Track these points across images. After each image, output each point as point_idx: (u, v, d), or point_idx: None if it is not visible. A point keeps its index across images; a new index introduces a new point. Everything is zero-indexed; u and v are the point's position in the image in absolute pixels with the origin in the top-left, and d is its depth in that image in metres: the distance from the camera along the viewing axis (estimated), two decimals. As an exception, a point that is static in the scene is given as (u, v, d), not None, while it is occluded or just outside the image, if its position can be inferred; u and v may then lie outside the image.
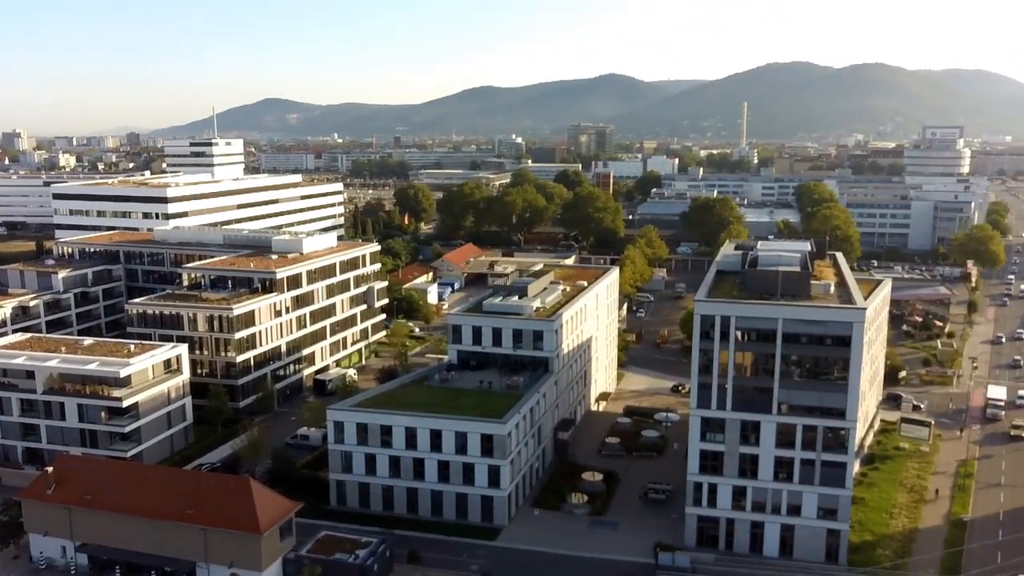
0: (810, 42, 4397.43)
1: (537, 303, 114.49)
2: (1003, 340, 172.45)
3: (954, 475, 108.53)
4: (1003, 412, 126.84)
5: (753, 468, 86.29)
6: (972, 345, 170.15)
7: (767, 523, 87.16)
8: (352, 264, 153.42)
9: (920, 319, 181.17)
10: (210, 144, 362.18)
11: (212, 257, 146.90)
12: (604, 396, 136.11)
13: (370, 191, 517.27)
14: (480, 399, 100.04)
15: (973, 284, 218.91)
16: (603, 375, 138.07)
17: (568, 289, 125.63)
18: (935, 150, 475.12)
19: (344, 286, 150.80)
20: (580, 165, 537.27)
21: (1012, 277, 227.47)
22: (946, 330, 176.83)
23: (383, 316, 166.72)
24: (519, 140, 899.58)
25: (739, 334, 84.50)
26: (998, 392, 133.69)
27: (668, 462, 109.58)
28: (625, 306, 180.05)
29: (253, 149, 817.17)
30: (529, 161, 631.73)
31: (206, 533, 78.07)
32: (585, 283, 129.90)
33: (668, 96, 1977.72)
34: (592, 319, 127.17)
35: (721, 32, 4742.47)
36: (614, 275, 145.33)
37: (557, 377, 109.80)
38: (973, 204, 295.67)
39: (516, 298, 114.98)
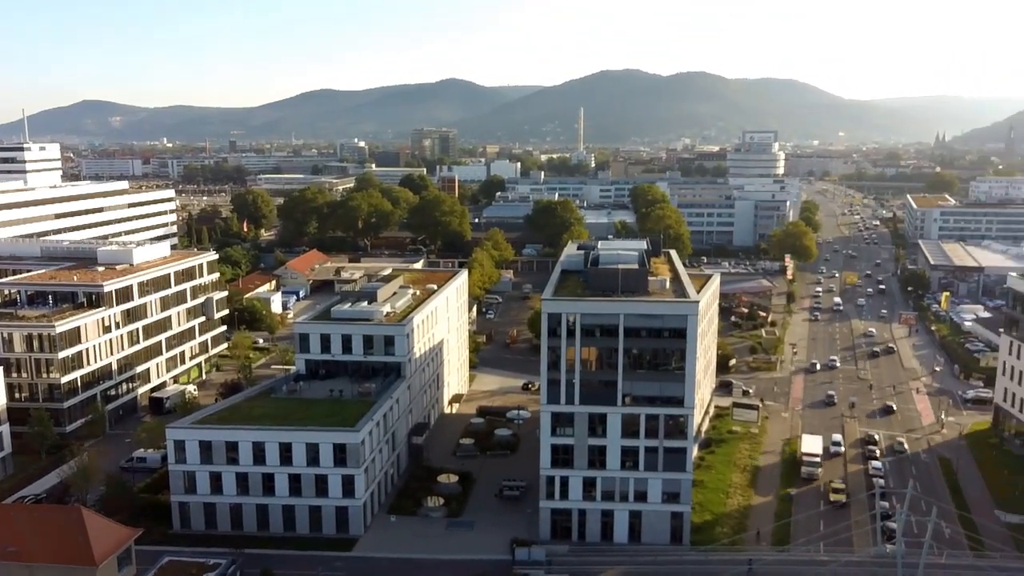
0: (640, 52, 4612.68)
1: (387, 308, 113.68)
2: (817, 367, 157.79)
3: (781, 453, 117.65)
4: (819, 469, 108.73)
5: (602, 459, 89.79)
6: (792, 333, 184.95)
7: (616, 511, 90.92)
8: (188, 274, 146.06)
9: (746, 310, 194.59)
10: (21, 149, 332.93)
11: (29, 271, 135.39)
12: (457, 398, 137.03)
13: (205, 197, 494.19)
14: (331, 408, 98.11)
15: (790, 277, 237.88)
16: (456, 377, 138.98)
17: (418, 293, 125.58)
18: (754, 153, 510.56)
19: (180, 298, 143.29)
20: (425, 169, 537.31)
21: (820, 290, 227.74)
22: (769, 319, 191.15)
23: (224, 328, 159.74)
24: (362, 144, 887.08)
25: (584, 331, 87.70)
26: (813, 445, 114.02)
27: (522, 459, 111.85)
28: (475, 308, 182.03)
29: (71, 154, 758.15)
30: (373, 165, 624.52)
31: (33, 571, 71.89)
32: (435, 287, 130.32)
33: (509, 101, 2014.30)
34: (443, 322, 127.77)
35: (558, 40, 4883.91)
36: (463, 278, 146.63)
37: (410, 382, 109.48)
38: (788, 203, 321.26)
39: (365, 304, 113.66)
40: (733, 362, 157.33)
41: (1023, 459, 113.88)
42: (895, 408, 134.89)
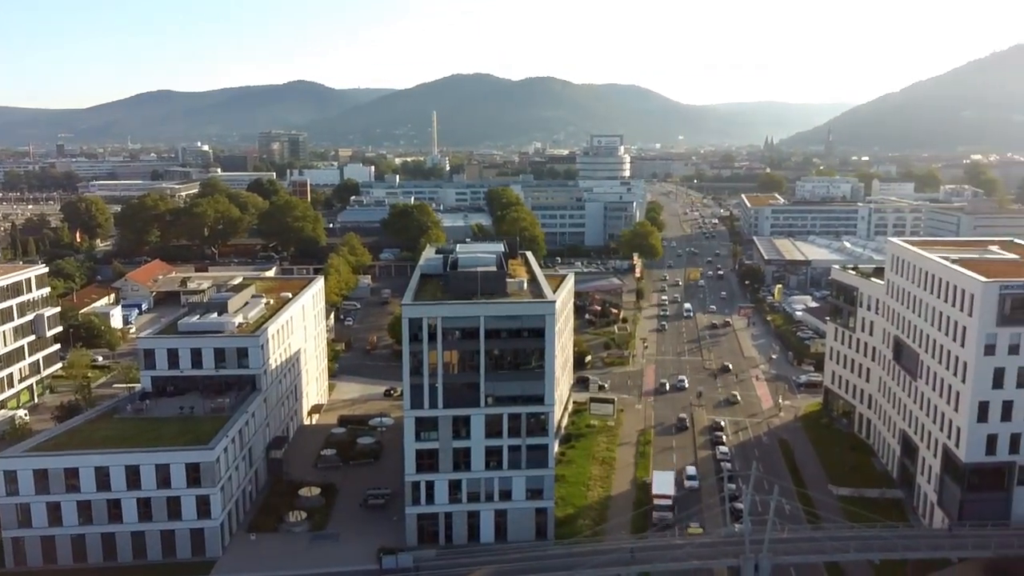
0: (490, 56, 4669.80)
1: (239, 319, 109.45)
2: (667, 387, 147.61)
3: (636, 444, 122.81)
4: (672, 514, 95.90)
5: (466, 461, 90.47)
6: (642, 328, 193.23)
7: (482, 511, 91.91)
8: (14, 290, 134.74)
9: (599, 308, 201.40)
10: None
11: None
12: (317, 408, 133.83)
13: (30, 206, 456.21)
14: (182, 426, 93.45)
15: (639, 275, 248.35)
16: (315, 387, 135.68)
17: (272, 302, 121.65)
18: (601, 156, 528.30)
19: (5, 315, 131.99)
20: (275, 173, 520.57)
21: (665, 298, 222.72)
22: (621, 316, 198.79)
23: (57, 346, 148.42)
24: (206, 148, 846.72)
25: (446, 334, 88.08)
26: (664, 484, 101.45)
27: (386, 466, 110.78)
28: (332, 315, 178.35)
29: None
30: (219, 170, 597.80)
31: None
32: (290, 295, 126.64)
33: (360, 104, 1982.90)
34: (299, 331, 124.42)
35: (409, 41, 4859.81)
36: (319, 285, 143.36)
37: (266, 394, 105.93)
38: (635, 204, 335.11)
39: (215, 315, 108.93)
40: (589, 358, 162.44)
41: (850, 436, 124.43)
42: (738, 397, 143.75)
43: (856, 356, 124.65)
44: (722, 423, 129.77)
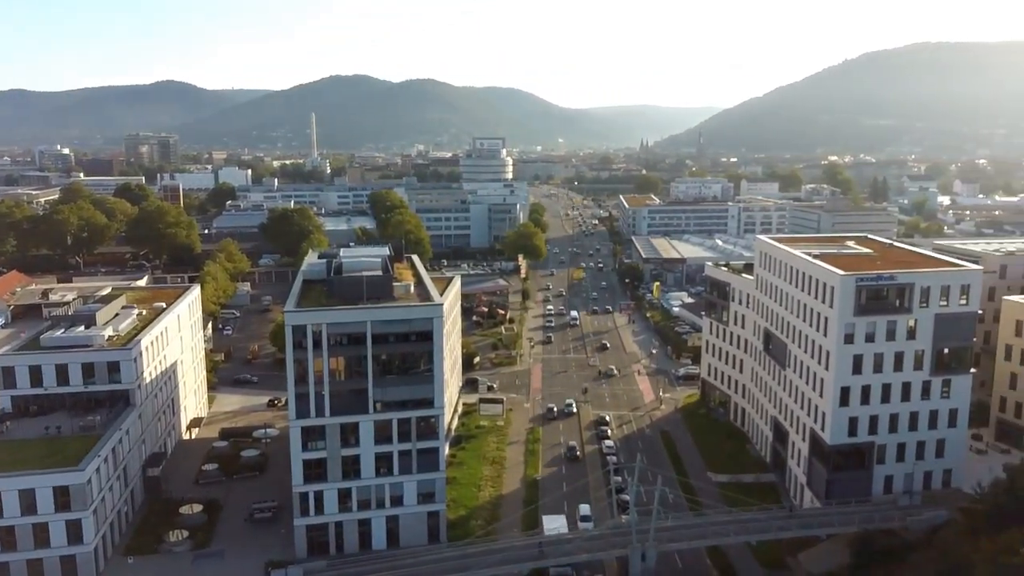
0: (369, 58, 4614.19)
1: (109, 331, 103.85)
2: (555, 412, 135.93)
3: (525, 442, 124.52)
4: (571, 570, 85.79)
5: (356, 468, 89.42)
6: (528, 328, 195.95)
7: (373, 519, 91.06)
8: None
9: (486, 309, 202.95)
10: None
11: None
12: (197, 422, 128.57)
13: None
14: (48, 447, 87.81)
15: (524, 275, 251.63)
16: (193, 400, 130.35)
17: (144, 313, 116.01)
18: (484, 159, 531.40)
19: None
20: (144, 178, 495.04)
21: (550, 299, 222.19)
22: (507, 317, 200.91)
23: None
24: (66, 151, 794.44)
25: (331, 340, 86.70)
26: (556, 524, 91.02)
27: (273, 478, 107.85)
28: (210, 325, 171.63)
29: None
30: (81, 174, 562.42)
31: None
32: (164, 304, 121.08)
33: (234, 105, 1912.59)
34: (175, 342, 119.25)
35: (283, 42, 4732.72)
36: (195, 293, 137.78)
37: (141, 410, 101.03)
38: (518, 205, 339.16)
39: (82, 328, 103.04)
40: (477, 359, 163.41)
41: (727, 425, 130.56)
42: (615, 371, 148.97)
43: (730, 348, 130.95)
44: (607, 418, 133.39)
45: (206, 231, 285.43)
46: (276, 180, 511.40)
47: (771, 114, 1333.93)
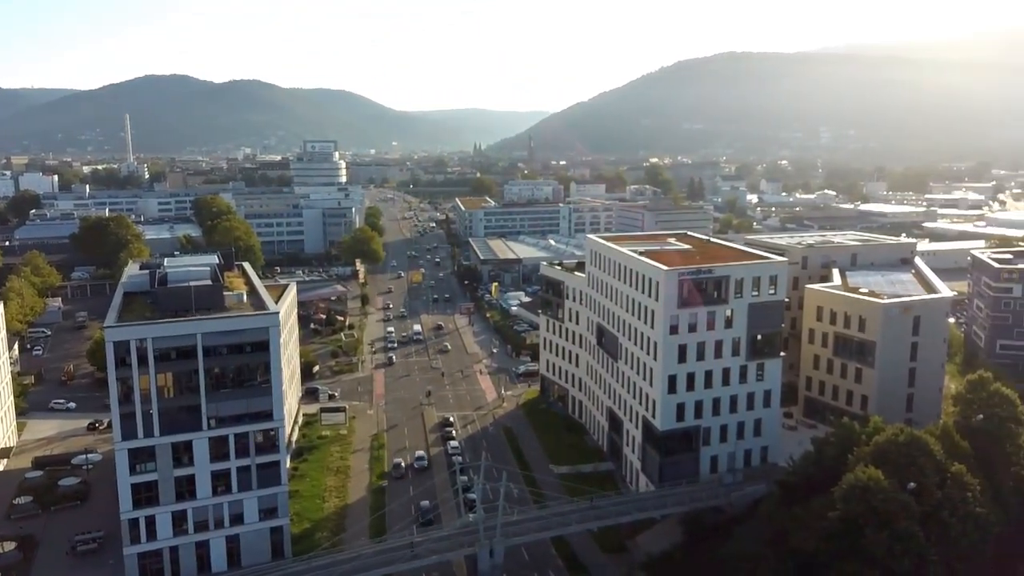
0: (188, 57, 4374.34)
1: None
2: (403, 466, 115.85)
3: (370, 449, 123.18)
4: None
5: (191, 489, 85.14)
6: (369, 332, 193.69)
7: (212, 540, 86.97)
8: None
9: (324, 316, 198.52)
10: None
11: None
12: (4, 452, 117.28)
13: None
14: None
15: (362, 280, 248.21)
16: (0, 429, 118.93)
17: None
18: (316, 162, 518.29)
19: None
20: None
21: (390, 303, 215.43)
22: (347, 323, 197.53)
23: None
24: None
25: (159, 355, 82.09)
26: None
27: (97, 507, 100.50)
28: (17, 345, 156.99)
29: None
30: None
31: None
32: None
33: (34, 106, 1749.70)
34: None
35: (94, 38, 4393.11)
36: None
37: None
38: (354, 209, 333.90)
39: None
40: (317, 368, 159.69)
41: (566, 418, 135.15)
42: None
43: (566, 344, 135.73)
44: (451, 419, 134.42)
45: (7, 243, 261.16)
46: (88, 187, 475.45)
47: (596, 118, 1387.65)
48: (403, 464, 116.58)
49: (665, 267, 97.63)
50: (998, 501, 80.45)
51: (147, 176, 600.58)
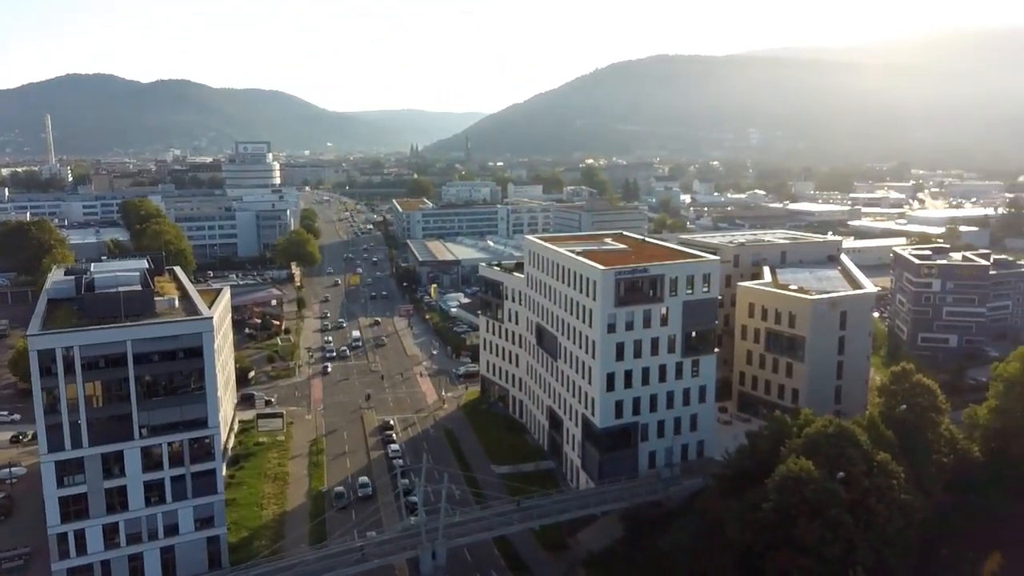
0: (112, 56, 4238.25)
1: None
2: (346, 500, 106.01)
3: (308, 455, 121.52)
4: None
5: (123, 500, 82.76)
6: (306, 336, 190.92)
7: (146, 552, 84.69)
8: None
9: (259, 320, 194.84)
10: None
11: None
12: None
13: None
14: None
15: (298, 283, 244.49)
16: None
17: None
18: (249, 164, 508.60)
19: None
20: None
21: (329, 337, 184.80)
22: (283, 327, 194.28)
23: None
24: None
25: (87, 364, 79.55)
26: None
27: (22, 522, 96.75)
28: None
29: None
30: None
31: None
32: None
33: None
34: None
35: (7, 35, 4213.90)
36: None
37: None
38: (289, 212, 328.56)
39: None
40: (253, 373, 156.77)
41: (506, 418, 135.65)
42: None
43: (506, 344, 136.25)
44: (391, 422, 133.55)
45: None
46: (7, 190, 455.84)
47: (532, 119, 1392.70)
48: (345, 494, 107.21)
49: (602, 267, 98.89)
50: (921, 487, 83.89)
51: (71, 179, 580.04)
